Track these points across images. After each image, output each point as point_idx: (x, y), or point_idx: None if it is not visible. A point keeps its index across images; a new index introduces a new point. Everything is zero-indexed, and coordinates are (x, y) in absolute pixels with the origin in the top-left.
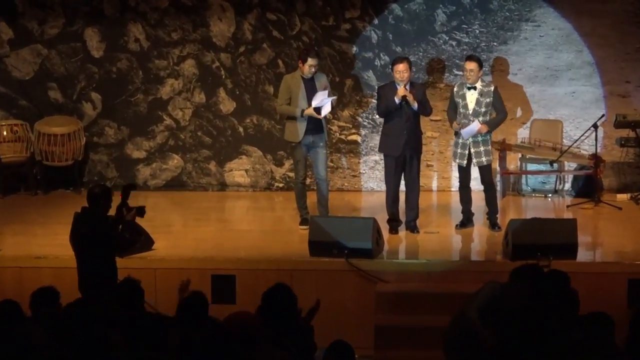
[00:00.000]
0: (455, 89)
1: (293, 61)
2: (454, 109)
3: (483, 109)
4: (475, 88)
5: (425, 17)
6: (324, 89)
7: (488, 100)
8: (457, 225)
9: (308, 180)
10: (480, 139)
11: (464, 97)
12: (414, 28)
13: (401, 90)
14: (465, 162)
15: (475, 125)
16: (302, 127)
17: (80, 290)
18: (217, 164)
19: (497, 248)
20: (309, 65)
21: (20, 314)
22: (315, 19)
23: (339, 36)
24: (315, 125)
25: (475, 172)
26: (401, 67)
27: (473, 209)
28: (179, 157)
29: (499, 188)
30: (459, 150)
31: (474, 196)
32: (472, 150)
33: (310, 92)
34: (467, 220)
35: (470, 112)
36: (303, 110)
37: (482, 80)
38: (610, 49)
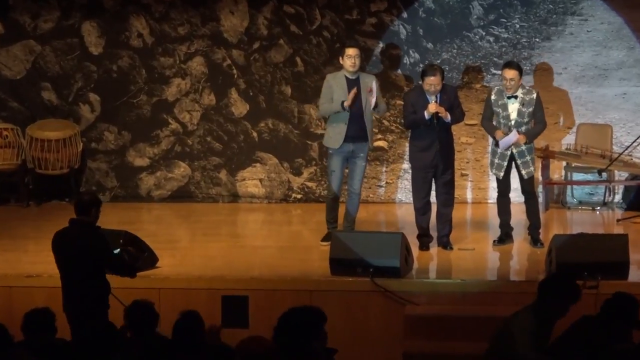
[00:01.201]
0: (492, 97)
1: (313, 59)
2: (489, 119)
3: (526, 119)
4: (516, 97)
5: (459, 10)
6: (368, 91)
7: (531, 109)
8: (494, 242)
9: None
10: (524, 147)
11: (504, 108)
12: (447, 22)
13: (432, 107)
14: (502, 173)
15: (514, 136)
16: (341, 132)
17: (66, 311)
18: (228, 172)
19: (539, 267)
20: (348, 56)
21: (8, 338)
22: (338, 12)
23: (363, 31)
24: (357, 132)
25: (514, 182)
26: (433, 80)
27: (512, 223)
28: (186, 165)
29: (541, 200)
30: (496, 160)
31: (513, 209)
32: (519, 161)
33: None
34: (505, 236)
35: (512, 123)
36: (344, 102)
37: (523, 87)
38: None
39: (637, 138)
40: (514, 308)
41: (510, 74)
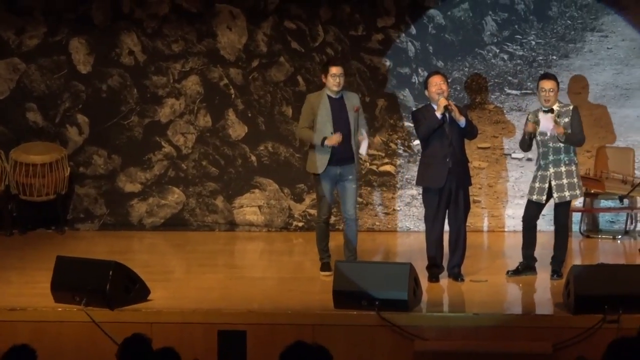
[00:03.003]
0: (529, 117)
1: (315, 77)
2: (528, 142)
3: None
4: (552, 111)
5: (472, 26)
6: (355, 111)
7: (566, 120)
8: (508, 272)
9: (333, 219)
10: (563, 169)
11: (539, 122)
12: (459, 39)
13: (442, 101)
14: (544, 197)
15: (548, 118)
16: (325, 156)
17: None
18: (225, 199)
19: (557, 299)
20: (332, 75)
21: None
22: (342, 28)
23: (369, 48)
24: (344, 154)
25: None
26: (437, 78)
27: (536, 253)
28: (180, 191)
29: None
30: (537, 185)
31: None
32: (553, 183)
33: (338, 115)
34: (523, 267)
35: (547, 136)
36: (325, 139)
37: (560, 101)
38: None
39: None
40: (530, 344)
41: (549, 84)
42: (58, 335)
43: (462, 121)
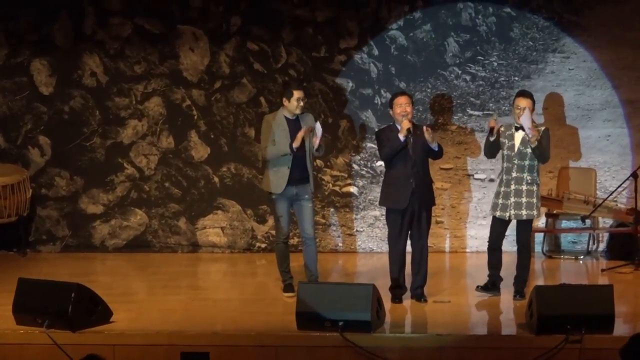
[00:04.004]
0: (501, 129)
1: (278, 99)
2: (490, 140)
3: (529, 150)
4: (524, 129)
5: (434, 47)
6: (311, 132)
7: None
8: (478, 287)
9: (295, 240)
10: (524, 187)
11: (511, 137)
12: (421, 60)
13: (405, 123)
14: (507, 214)
15: (528, 114)
16: (284, 176)
17: None
18: (187, 220)
19: (520, 320)
20: (297, 99)
21: None
22: (305, 49)
23: (332, 69)
24: (301, 174)
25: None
26: (403, 99)
27: (502, 272)
28: (143, 212)
29: None
30: (500, 201)
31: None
32: (512, 199)
33: (295, 135)
34: (491, 285)
35: (515, 152)
36: (292, 145)
37: (533, 121)
38: None
39: (623, 182)
40: None
41: (524, 102)
42: (19, 358)
43: (434, 145)
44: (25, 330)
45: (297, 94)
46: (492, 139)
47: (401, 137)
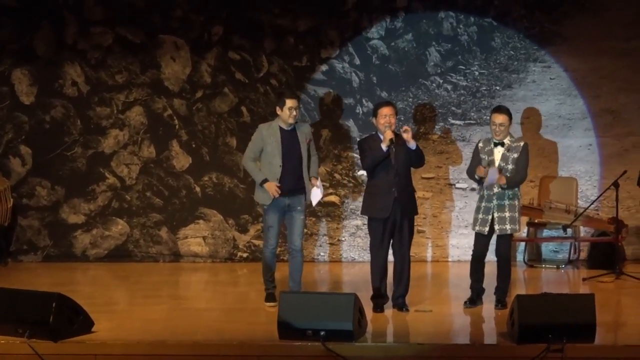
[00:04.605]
0: (480, 145)
1: (260, 108)
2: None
3: (510, 165)
4: (503, 144)
5: (415, 57)
6: (308, 142)
7: (515, 155)
8: (465, 303)
9: (278, 250)
10: (506, 202)
11: (490, 153)
12: (403, 69)
13: (388, 134)
14: (487, 229)
15: (494, 172)
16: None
17: None
18: (169, 230)
19: (501, 329)
20: (289, 108)
21: None
22: (286, 58)
23: (314, 79)
24: (294, 185)
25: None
26: (387, 110)
27: (484, 282)
28: (124, 222)
29: None
30: (480, 216)
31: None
32: (496, 214)
33: (289, 146)
34: (476, 297)
35: (495, 168)
36: (265, 181)
37: (512, 136)
38: (634, 94)
39: (604, 192)
40: None
41: (500, 118)
42: None
43: (412, 144)
44: (6, 340)
45: (289, 102)
46: (481, 184)
47: (384, 147)
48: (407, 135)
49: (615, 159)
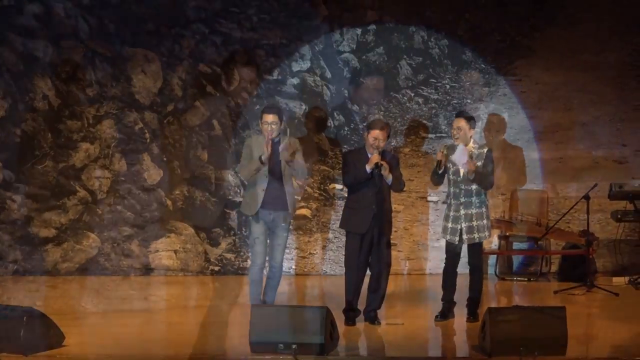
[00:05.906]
0: (444, 152)
1: (231, 122)
2: (438, 173)
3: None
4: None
5: (387, 70)
6: (293, 153)
7: (479, 163)
8: (436, 317)
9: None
10: (474, 211)
11: (454, 162)
12: (374, 82)
13: (375, 157)
14: (457, 238)
15: (463, 151)
16: (257, 197)
17: None
18: (140, 243)
19: (473, 342)
20: (265, 123)
21: None
22: (258, 71)
23: (285, 92)
24: (275, 199)
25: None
26: (378, 133)
27: (455, 295)
28: (95, 235)
29: None
30: (450, 225)
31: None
32: (464, 225)
33: (274, 157)
34: (448, 311)
35: (460, 177)
36: (261, 156)
37: (475, 142)
38: (605, 107)
39: (575, 204)
40: None
41: (459, 122)
42: None
43: (389, 179)
44: None
45: (266, 117)
46: (440, 171)
47: (368, 168)
48: (384, 172)
49: (586, 171)
